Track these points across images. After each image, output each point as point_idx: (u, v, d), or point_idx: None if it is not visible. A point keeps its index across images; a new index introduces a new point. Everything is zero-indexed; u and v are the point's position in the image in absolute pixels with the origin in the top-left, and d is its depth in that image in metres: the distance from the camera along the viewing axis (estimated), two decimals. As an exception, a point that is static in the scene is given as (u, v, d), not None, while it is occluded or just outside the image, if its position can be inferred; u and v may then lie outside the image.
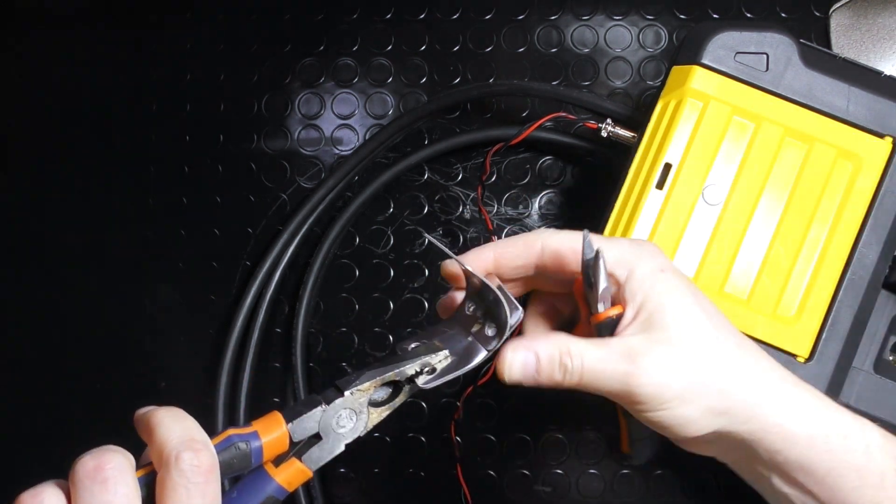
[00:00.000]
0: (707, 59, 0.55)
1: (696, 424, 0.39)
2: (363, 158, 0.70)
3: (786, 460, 0.39)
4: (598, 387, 0.38)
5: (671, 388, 0.38)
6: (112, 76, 0.75)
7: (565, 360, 0.38)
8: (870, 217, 0.54)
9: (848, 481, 0.39)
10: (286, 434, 0.36)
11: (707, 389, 0.38)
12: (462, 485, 0.68)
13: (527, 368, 0.39)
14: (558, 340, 0.39)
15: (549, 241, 0.41)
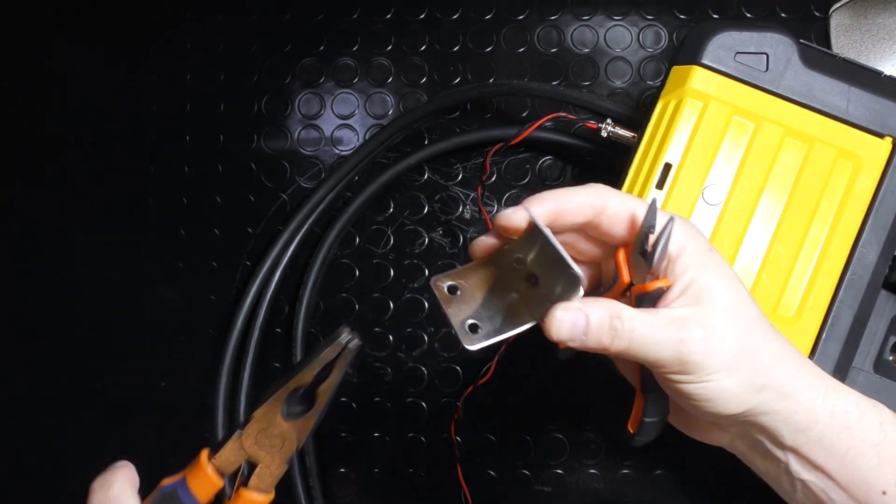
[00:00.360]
0: (707, 59, 0.55)
1: (736, 399, 0.39)
2: (363, 158, 0.70)
3: (808, 440, 0.40)
4: (647, 353, 0.38)
5: (720, 357, 0.38)
6: (112, 76, 0.75)
7: (616, 323, 0.38)
8: (870, 217, 0.54)
9: (866, 460, 0.40)
10: (211, 473, 0.37)
11: (751, 364, 0.39)
12: (462, 485, 0.68)
13: (576, 328, 0.38)
14: (609, 304, 0.39)
15: (614, 202, 0.40)
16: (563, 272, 0.38)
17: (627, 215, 0.40)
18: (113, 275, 0.74)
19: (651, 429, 0.43)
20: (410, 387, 0.71)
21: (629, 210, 0.40)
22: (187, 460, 0.42)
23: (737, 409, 0.39)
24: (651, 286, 0.40)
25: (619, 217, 0.40)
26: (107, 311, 0.74)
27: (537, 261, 0.39)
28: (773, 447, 0.41)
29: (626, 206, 0.40)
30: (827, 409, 0.40)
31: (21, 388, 0.74)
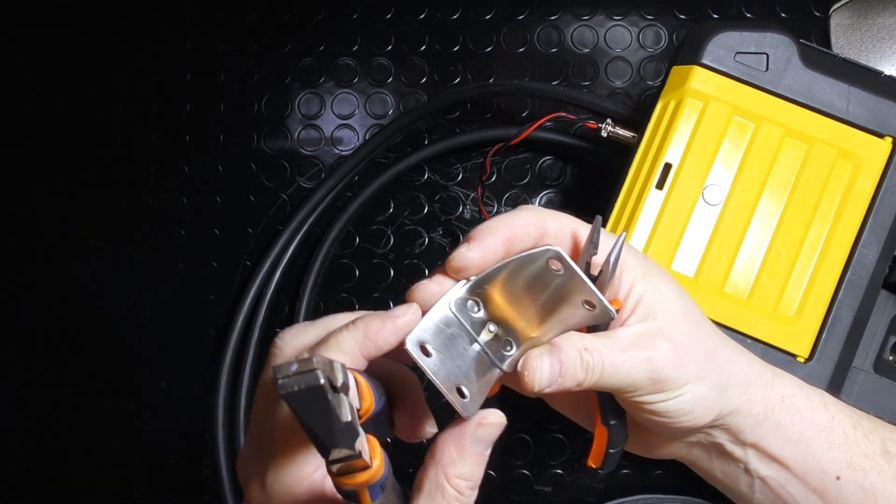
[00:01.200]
0: (707, 59, 0.55)
1: (710, 406, 0.38)
2: (363, 158, 0.70)
3: (766, 432, 0.40)
4: (619, 379, 0.37)
5: (690, 366, 0.37)
6: (112, 76, 0.75)
7: (586, 357, 0.36)
8: (870, 217, 0.54)
9: (818, 444, 0.40)
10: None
11: (714, 366, 0.38)
12: (462, 485, 0.68)
13: (553, 373, 0.37)
14: (574, 338, 0.37)
15: (556, 223, 0.38)
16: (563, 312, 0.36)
17: (569, 235, 0.38)
18: (113, 274, 0.74)
19: (615, 459, 0.42)
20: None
21: (570, 230, 0.38)
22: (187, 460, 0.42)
23: (710, 417, 0.38)
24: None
25: (560, 238, 0.38)
26: (107, 311, 0.74)
27: (514, 303, 0.36)
28: (733, 447, 0.41)
29: (566, 225, 0.38)
30: (778, 395, 0.40)
31: (21, 387, 0.74)
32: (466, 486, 0.35)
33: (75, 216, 0.75)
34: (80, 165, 0.75)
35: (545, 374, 0.37)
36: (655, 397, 0.37)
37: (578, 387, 0.37)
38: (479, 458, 0.35)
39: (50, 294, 0.75)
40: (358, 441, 0.28)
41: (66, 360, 0.74)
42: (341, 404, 0.27)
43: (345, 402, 0.27)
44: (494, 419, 0.36)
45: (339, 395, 0.27)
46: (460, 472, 0.35)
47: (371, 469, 0.29)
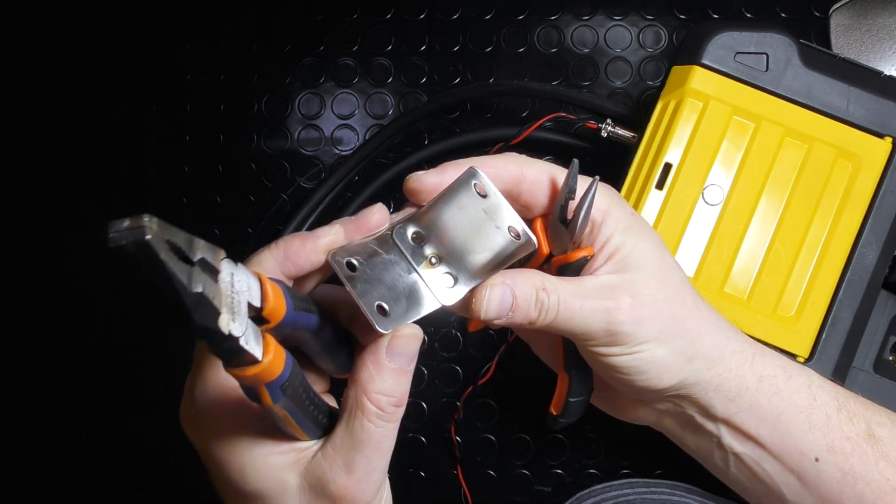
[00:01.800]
0: (707, 60, 0.55)
1: (668, 370, 0.37)
2: (363, 158, 0.70)
3: (739, 409, 0.39)
4: (574, 325, 0.36)
5: (650, 325, 0.36)
6: (112, 76, 0.75)
7: (542, 295, 0.36)
8: (869, 217, 0.54)
9: (797, 425, 0.39)
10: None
11: (681, 332, 0.37)
12: (462, 485, 0.68)
13: (503, 305, 0.35)
14: (533, 275, 0.36)
15: (532, 169, 0.37)
16: (492, 241, 0.35)
17: (547, 182, 0.37)
18: (113, 274, 0.74)
19: (575, 409, 0.41)
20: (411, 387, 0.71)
21: (548, 176, 0.37)
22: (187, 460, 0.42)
23: (669, 382, 0.38)
24: (574, 256, 0.37)
25: (538, 185, 0.37)
26: (107, 310, 0.74)
27: (450, 232, 0.36)
28: (704, 420, 0.40)
29: (544, 172, 0.37)
30: (755, 375, 0.39)
31: (21, 387, 0.74)
32: (388, 402, 0.33)
33: (75, 216, 0.75)
34: (80, 165, 0.75)
35: (494, 305, 0.35)
36: (610, 349, 0.37)
37: (531, 325, 0.36)
38: (398, 373, 0.34)
39: (50, 294, 0.75)
40: (235, 327, 0.28)
41: (66, 359, 0.74)
42: (193, 276, 0.27)
43: (199, 275, 0.27)
44: (408, 331, 0.34)
45: (190, 267, 0.27)
46: (380, 388, 0.33)
47: (260, 364, 0.29)
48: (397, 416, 0.34)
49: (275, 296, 0.31)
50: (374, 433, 0.33)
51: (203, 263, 0.28)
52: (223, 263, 0.29)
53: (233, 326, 0.28)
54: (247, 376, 0.29)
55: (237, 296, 0.29)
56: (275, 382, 0.30)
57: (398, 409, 0.34)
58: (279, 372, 0.30)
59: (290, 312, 0.32)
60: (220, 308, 0.28)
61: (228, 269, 0.29)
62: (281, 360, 0.30)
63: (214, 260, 0.29)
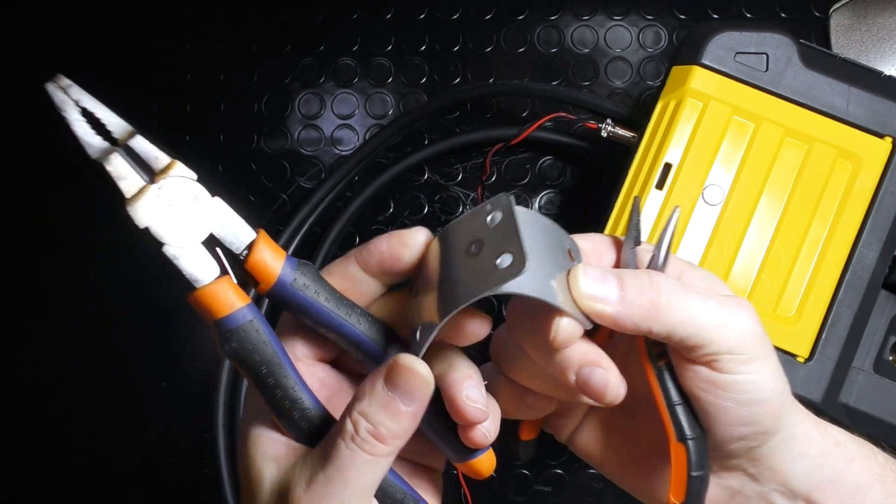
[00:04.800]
0: (707, 60, 0.55)
1: (776, 399, 0.31)
2: (363, 158, 0.70)
3: (821, 481, 0.34)
4: (698, 324, 0.29)
5: (766, 342, 0.31)
6: (112, 76, 0.75)
7: (658, 280, 0.30)
8: (870, 217, 0.54)
9: (874, 495, 0.34)
10: None
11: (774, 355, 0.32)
12: (462, 485, 0.68)
13: (608, 293, 0.29)
14: (641, 270, 0.31)
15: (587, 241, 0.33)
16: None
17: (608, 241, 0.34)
18: (113, 274, 0.74)
19: (701, 486, 0.32)
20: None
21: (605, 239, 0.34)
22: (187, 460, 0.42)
23: (773, 418, 0.31)
24: None
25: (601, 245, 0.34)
26: (107, 311, 0.74)
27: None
28: (781, 500, 0.34)
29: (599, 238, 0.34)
30: (832, 439, 0.34)
31: (21, 387, 0.74)
32: (366, 428, 0.29)
33: (75, 216, 0.75)
34: (80, 165, 0.75)
35: (597, 289, 0.29)
36: (737, 359, 0.30)
37: (640, 331, 0.30)
38: (389, 405, 0.30)
39: (50, 294, 0.75)
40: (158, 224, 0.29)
41: (66, 359, 0.74)
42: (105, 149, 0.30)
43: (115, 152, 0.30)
44: (406, 363, 0.30)
45: (109, 144, 0.30)
46: (363, 409, 0.30)
47: (196, 289, 0.29)
48: (375, 450, 0.30)
49: (264, 253, 0.30)
50: (341, 455, 0.30)
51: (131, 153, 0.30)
52: (186, 180, 0.30)
53: (154, 225, 0.29)
54: (189, 302, 0.30)
55: (191, 215, 0.29)
56: (220, 324, 0.30)
57: (377, 443, 0.30)
58: (221, 313, 0.30)
59: (284, 284, 0.31)
60: (125, 191, 0.30)
61: (191, 188, 0.30)
62: (227, 304, 0.30)
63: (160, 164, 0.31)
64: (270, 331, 0.32)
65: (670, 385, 0.31)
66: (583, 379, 0.30)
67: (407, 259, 0.33)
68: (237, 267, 0.31)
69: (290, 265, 0.32)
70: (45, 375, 0.74)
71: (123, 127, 0.33)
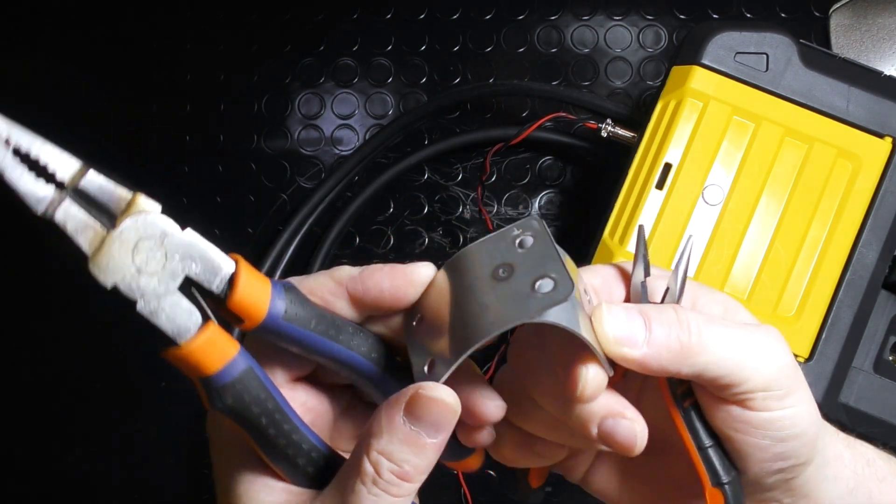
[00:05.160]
0: (707, 60, 0.55)
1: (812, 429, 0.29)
2: (363, 158, 0.70)
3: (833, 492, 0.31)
4: (735, 366, 0.27)
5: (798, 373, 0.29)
6: (112, 77, 0.75)
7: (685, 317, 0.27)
8: (869, 217, 0.54)
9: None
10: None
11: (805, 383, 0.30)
12: (462, 485, 0.68)
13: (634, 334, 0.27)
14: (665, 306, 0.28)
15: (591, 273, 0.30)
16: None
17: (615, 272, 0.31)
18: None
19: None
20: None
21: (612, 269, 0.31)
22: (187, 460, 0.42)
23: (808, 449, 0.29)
24: None
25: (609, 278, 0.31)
26: (107, 311, 0.74)
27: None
28: None
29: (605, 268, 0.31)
30: (862, 458, 0.32)
31: (21, 387, 0.74)
32: (389, 469, 0.27)
33: (75, 216, 0.75)
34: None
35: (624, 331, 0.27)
36: (771, 395, 0.27)
37: (663, 370, 0.27)
38: (413, 440, 0.27)
39: (50, 295, 0.75)
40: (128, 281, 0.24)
41: (66, 359, 0.74)
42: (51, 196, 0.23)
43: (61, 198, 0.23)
44: (432, 393, 0.27)
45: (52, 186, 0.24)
46: (384, 448, 0.27)
47: (178, 347, 0.25)
48: (402, 491, 0.27)
49: (249, 287, 0.26)
50: (364, 501, 0.27)
51: (84, 195, 0.24)
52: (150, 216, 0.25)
53: (124, 281, 0.24)
54: (169, 360, 0.25)
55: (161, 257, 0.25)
56: (211, 381, 0.26)
57: (404, 483, 0.27)
58: (212, 369, 0.25)
59: (275, 318, 0.26)
60: (85, 246, 0.24)
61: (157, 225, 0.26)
62: (218, 357, 0.25)
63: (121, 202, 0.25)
64: (264, 373, 0.28)
65: (699, 426, 0.29)
66: (607, 431, 0.28)
67: (411, 298, 0.29)
68: (215, 304, 0.26)
69: (277, 294, 0.27)
70: (45, 375, 0.74)
71: (71, 165, 0.26)
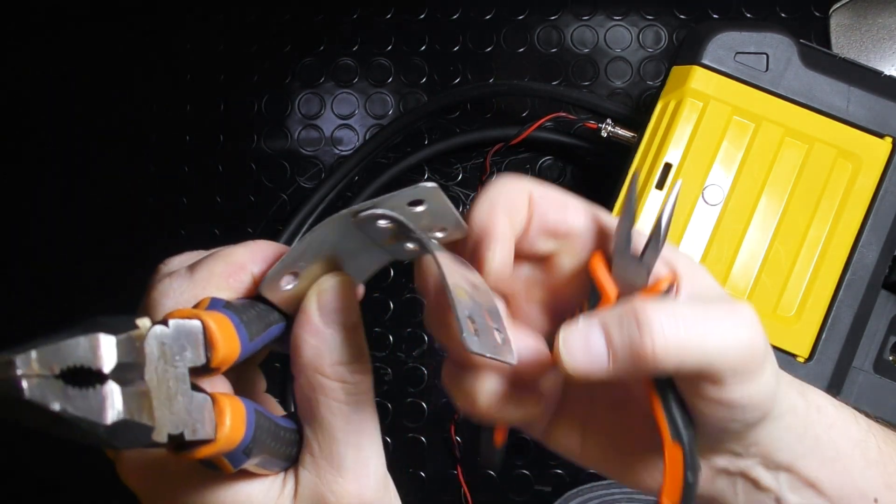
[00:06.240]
0: (707, 59, 0.55)
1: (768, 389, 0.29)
2: (363, 158, 0.70)
3: (804, 451, 0.32)
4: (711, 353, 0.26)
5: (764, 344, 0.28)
6: (112, 77, 0.75)
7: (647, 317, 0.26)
8: (870, 217, 0.54)
9: (854, 462, 0.33)
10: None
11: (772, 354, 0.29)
12: (462, 485, 0.68)
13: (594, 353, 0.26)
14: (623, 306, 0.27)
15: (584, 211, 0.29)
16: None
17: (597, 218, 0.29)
18: (114, 274, 0.74)
19: (695, 485, 0.30)
20: (410, 387, 0.71)
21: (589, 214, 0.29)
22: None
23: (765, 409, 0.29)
24: (659, 287, 0.29)
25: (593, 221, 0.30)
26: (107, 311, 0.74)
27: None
28: (762, 472, 0.32)
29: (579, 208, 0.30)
30: (813, 405, 0.32)
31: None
32: (348, 371, 0.27)
33: (75, 216, 0.75)
34: (80, 166, 0.75)
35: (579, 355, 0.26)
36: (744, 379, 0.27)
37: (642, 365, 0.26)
38: (343, 332, 0.28)
39: (50, 293, 0.75)
40: (174, 423, 0.22)
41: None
42: (107, 397, 0.21)
43: (109, 395, 0.21)
44: (327, 281, 0.28)
45: (99, 388, 0.21)
46: (332, 359, 0.27)
47: (214, 443, 0.23)
48: (366, 385, 0.28)
49: (224, 339, 0.25)
50: (348, 414, 0.27)
51: (119, 368, 0.22)
52: (147, 343, 0.23)
53: (171, 424, 0.22)
54: (200, 458, 0.24)
55: (173, 377, 0.23)
56: (236, 450, 0.25)
57: (362, 376, 0.27)
58: (240, 439, 0.25)
59: (245, 347, 0.26)
60: (148, 421, 0.22)
61: (156, 342, 0.23)
62: (241, 425, 0.25)
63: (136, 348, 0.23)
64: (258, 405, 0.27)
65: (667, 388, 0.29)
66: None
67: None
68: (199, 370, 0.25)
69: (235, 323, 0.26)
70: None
71: (104, 347, 0.23)
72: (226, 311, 0.26)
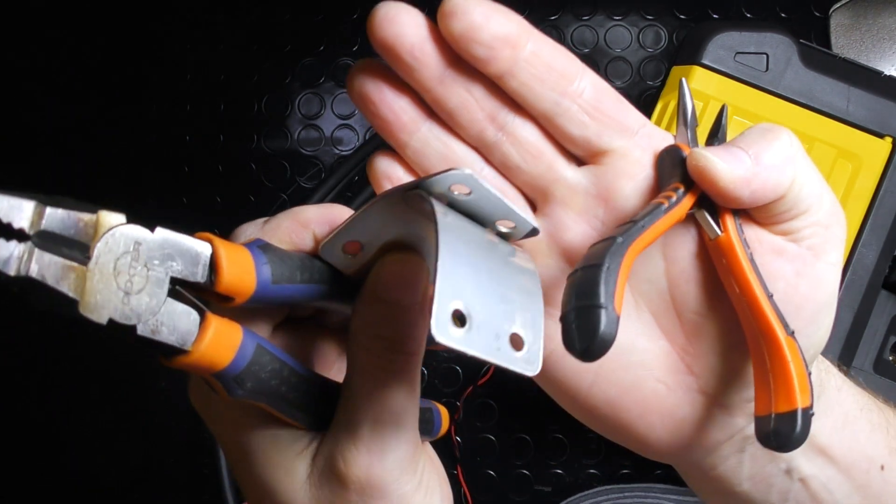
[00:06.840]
0: (707, 60, 0.55)
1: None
2: (363, 158, 0.70)
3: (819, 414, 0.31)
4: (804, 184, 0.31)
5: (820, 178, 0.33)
6: (112, 77, 0.75)
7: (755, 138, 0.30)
8: (870, 217, 0.54)
9: (860, 427, 0.33)
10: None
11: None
12: (462, 485, 0.68)
13: (744, 165, 0.29)
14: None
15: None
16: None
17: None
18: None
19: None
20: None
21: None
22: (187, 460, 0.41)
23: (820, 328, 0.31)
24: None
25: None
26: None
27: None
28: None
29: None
30: (823, 366, 0.33)
31: (22, 389, 0.74)
32: (380, 346, 0.27)
33: (75, 216, 0.75)
34: (80, 165, 0.75)
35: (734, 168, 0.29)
36: (815, 231, 0.32)
37: (758, 200, 0.29)
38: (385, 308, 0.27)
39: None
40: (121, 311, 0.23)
41: (65, 360, 0.74)
42: (13, 250, 0.22)
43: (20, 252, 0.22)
44: (392, 256, 0.28)
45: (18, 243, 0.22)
46: (368, 332, 0.28)
47: (189, 354, 0.24)
48: (400, 366, 0.27)
49: (232, 265, 0.25)
50: (371, 389, 0.27)
51: (49, 236, 0.23)
52: (118, 231, 0.24)
53: (119, 313, 0.23)
54: (178, 368, 0.25)
55: (143, 276, 0.24)
56: (225, 373, 0.25)
57: (397, 355, 0.27)
58: (225, 361, 0.25)
59: (263, 285, 0.26)
60: (72, 294, 0.23)
61: (128, 236, 0.24)
62: (228, 347, 0.25)
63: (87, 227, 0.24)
64: (267, 342, 0.27)
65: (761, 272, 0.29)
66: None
67: None
68: (204, 292, 0.25)
69: (259, 261, 0.26)
70: (44, 376, 0.74)
71: (25, 208, 0.24)
72: (255, 249, 0.27)
